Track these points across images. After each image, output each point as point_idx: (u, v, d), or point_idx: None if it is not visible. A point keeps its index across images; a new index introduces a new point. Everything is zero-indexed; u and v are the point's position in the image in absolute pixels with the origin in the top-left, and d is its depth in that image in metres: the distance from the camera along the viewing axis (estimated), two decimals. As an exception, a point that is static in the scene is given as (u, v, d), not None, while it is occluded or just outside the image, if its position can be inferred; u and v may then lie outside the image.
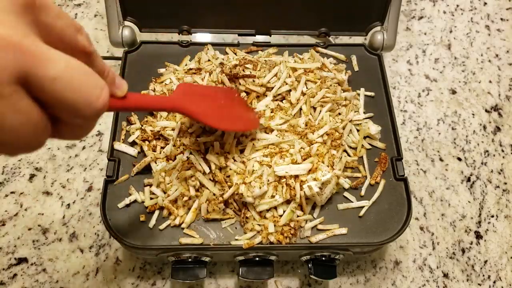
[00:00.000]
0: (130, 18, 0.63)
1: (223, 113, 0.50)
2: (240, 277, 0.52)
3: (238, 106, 0.54)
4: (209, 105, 0.49)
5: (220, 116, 0.49)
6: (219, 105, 0.51)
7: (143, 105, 0.39)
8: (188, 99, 0.47)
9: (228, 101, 0.53)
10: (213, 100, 0.51)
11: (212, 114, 0.48)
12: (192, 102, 0.46)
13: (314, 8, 0.63)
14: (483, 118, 0.75)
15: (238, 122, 0.51)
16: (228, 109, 0.51)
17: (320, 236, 0.50)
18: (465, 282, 0.61)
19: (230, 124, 0.49)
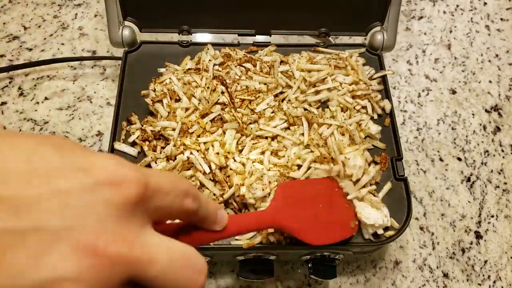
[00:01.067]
0: (130, 18, 0.63)
1: (321, 221, 0.48)
2: (240, 277, 0.52)
3: (337, 207, 0.50)
4: (308, 214, 0.47)
5: (318, 227, 0.47)
6: (317, 212, 0.48)
7: (240, 231, 0.40)
8: (287, 210, 0.46)
9: (326, 201, 0.50)
10: (312, 203, 0.49)
11: (310, 226, 0.47)
12: (291, 213, 0.46)
13: (314, 8, 0.63)
14: (483, 118, 0.75)
15: (334, 232, 0.48)
16: (326, 216, 0.48)
17: (320, 236, 0.50)
18: (465, 282, 0.61)
19: (326, 238, 0.47)
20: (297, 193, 0.49)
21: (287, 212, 0.46)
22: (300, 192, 0.49)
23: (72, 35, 0.79)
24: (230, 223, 0.35)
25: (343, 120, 0.56)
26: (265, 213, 0.45)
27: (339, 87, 0.58)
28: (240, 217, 0.43)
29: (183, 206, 0.27)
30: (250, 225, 0.41)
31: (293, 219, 0.46)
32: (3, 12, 0.81)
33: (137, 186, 0.23)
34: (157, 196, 0.25)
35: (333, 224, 0.49)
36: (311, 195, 0.49)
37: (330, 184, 0.52)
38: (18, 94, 0.72)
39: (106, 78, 0.75)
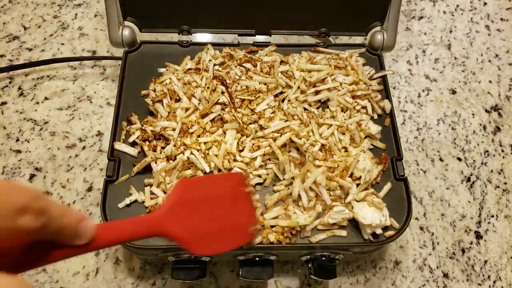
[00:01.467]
0: (130, 18, 0.63)
1: (215, 229, 0.43)
2: (240, 277, 0.52)
3: (239, 209, 0.46)
4: (202, 220, 0.42)
5: (210, 235, 0.42)
6: (214, 217, 0.43)
7: (113, 242, 0.35)
8: (177, 216, 0.41)
9: (229, 203, 0.45)
10: (212, 205, 0.44)
11: (201, 235, 0.42)
12: (181, 219, 0.41)
13: (314, 8, 0.63)
14: (483, 118, 0.75)
15: (228, 239, 0.44)
16: (224, 221, 0.44)
17: (320, 236, 0.50)
18: (465, 282, 0.61)
19: (217, 247, 0.43)
20: (196, 192, 0.44)
21: (176, 218, 0.41)
22: (201, 191, 0.44)
23: (72, 35, 0.79)
24: (100, 234, 0.32)
25: (343, 120, 0.56)
26: (144, 220, 0.40)
27: (339, 87, 0.58)
28: (112, 225, 0.38)
29: (18, 226, 0.23)
30: (124, 235, 0.36)
31: (181, 226, 0.41)
32: (3, 12, 0.81)
33: None
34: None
35: (229, 230, 0.44)
36: (213, 195, 0.45)
37: (239, 180, 0.48)
38: (18, 94, 0.72)
39: (106, 78, 0.75)
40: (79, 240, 0.30)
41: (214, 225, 0.43)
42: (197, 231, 0.42)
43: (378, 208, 0.50)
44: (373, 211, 0.49)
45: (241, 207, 0.47)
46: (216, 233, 0.43)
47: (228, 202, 0.45)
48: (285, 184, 0.53)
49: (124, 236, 0.37)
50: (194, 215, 0.42)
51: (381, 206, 0.50)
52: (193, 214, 0.42)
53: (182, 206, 0.42)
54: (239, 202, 0.46)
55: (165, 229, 0.40)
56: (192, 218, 0.42)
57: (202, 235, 0.42)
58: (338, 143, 0.54)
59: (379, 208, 0.50)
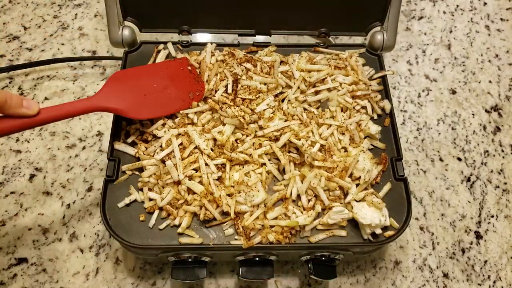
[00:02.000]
0: (130, 18, 0.63)
1: (151, 99, 0.53)
2: (240, 277, 0.52)
3: (178, 83, 0.56)
4: (136, 94, 0.53)
5: (147, 103, 0.53)
6: (149, 91, 0.54)
7: (60, 115, 0.45)
8: (112, 94, 0.51)
9: (166, 81, 0.56)
10: (145, 85, 0.54)
11: (138, 106, 0.52)
12: (116, 96, 0.51)
13: (314, 8, 0.63)
14: (483, 118, 0.75)
15: (166, 106, 0.54)
16: (159, 93, 0.54)
17: (320, 236, 0.50)
18: (465, 282, 0.61)
19: (154, 112, 0.53)
20: (131, 78, 0.54)
21: (110, 97, 0.50)
22: (135, 75, 0.55)
23: (72, 35, 0.79)
24: (43, 111, 0.41)
25: (343, 120, 0.56)
26: (83, 100, 0.50)
27: (339, 87, 0.58)
28: (58, 105, 0.46)
29: None
30: (70, 109, 0.46)
31: (116, 101, 0.51)
32: (3, 12, 0.81)
33: None
34: None
35: (166, 99, 0.54)
36: (147, 77, 0.55)
37: (179, 64, 0.58)
38: (18, 94, 0.72)
39: (106, 78, 0.75)
40: (29, 110, 0.39)
41: (151, 97, 0.53)
42: (134, 102, 0.52)
43: (377, 208, 0.50)
44: (372, 211, 0.49)
45: (180, 81, 0.56)
46: (153, 103, 0.53)
47: (163, 79, 0.55)
48: (285, 184, 0.53)
49: (70, 111, 0.46)
50: (126, 92, 0.52)
51: (381, 206, 0.50)
52: (129, 91, 0.52)
53: (115, 87, 0.52)
54: (178, 78, 0.56)
55: (102, 103, 0.49)
56: (127, 94, 0.52)
57: (139, 105, 0.52)
58: (337, 143, 0.54)
59: (378, 208, 0.50)
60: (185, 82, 0.56)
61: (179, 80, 0.56)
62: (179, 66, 0.58)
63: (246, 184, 0.50)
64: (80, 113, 0.48)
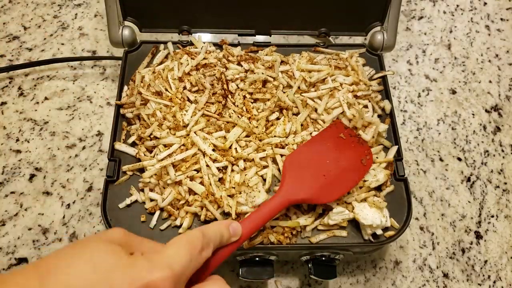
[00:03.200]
0: (130, 18, 0.63)
1: (331, 179, 0.50)
2: (240, 277, 0.52)
3: (345, 152, 0.52)
4: (317, 178, 0.49)
5: (330, 185, 0.49)
6: (326, 170, 0.50)
7: (257, 229, 0.44)
8: (295, 185, 0.48)
9: (333, 153, 0.52)
10: (319, 163, 0.51)
11: (322, 188, 0.49)
12: (300, 185, 0.48)
13: (314, 8, 0.63)
14: (483, 118, 0.75)
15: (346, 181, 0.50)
16: (335, 169, 0.51)
17: (321, 236, 0.50)
18: (465, 282, 0.61)
19: (340, 191, 0.50)
20: (303, 160, 0.50)
21: (296, 187, 0.48)
22: (304, 157, 0.51)
23: (72, 35, 0.79)
24: (246, 228, 0.41)
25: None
26: (275, 200, 0.47)
27: (339, 87, 0.58)
28: (252, 217, 0.44)
29: (203, 259, 0.36)
30: (263, 219, 0.44)
31: (303, 190, 0.48)
32: (3, 12, 0.81)
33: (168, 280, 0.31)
34: (184, 273, 0.33)
35: (344, 174, 0.51)
36: (317, 155, 0.51)
37: (334, 130, 0.54)
38: (18, 94, 0.72)
39: (106, 78, 0.75)
40: (234, 238, 0.41)
41: (328, 177, 0.50)
42: (318, 186, 0.49)
43: (379, 209, 0.50)
44: (374, 211, 0.50)
45: (346, 149, 0.52)
46: (331, 181, 0.50)
47: (331, 152, 0.52)
48: None
49: (264, 220, 0.44)
50: (306, 178, 0.49)
51: (382, 206, 0.50)
52: (306, 177, 0.49)
53: (295, 176, 0.49)
54: (342, 146, 0.53)
55: (291, 200, 0.47)
56: (306, 181, 0.49)
57: (323, 187, 0.49)
58: None
59: (380, 208, 0.50)
60: (351, 148, 0.53)
61: (346, 148, 0.52)
62: (337, 132, 0.54)
63: (247, 185, 0.50)
64: (276, 214, 0.47)
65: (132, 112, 0.56)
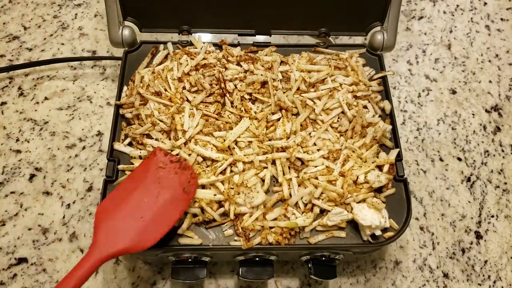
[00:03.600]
0: (130, 18, 0.63)
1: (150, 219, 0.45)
2: (240, 277, 0.52)
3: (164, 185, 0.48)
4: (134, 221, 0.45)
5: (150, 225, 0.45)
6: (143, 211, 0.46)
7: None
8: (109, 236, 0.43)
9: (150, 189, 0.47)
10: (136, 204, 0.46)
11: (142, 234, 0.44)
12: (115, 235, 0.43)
13: (314, 8, 0.63)
14: (483, 118, 0.75)
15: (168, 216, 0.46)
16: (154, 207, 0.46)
17: (319, 237, 0.50)
18: (465, 282, 0.61)
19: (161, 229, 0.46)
20: (117, 207, 0.46)
21: (110, 240, 0.43)
22: (121, 201, 0.46)
23: (72, 35, 0.79)
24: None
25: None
26: (86, 262, 0.42)
27: (339, 87, 0.58)
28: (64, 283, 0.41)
29: None
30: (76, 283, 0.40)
31: (119, 242, 0.43)
32: (3, 12, 0.81)
33: None
34: None
35: (164, 210, 0.46)
36: (134, 196, 0.47)
37: (154, 161, 0.49)
38: (18, 94, 0.72)
39: (106, 78, 0.75)
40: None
41: (149, 216, 0.45)
42: (136, 232, 0.44)
43: (377, 209, 0.50)
44: (372, 212, 0.49)
45: (164, 181, 0.48)
46: (155, 220, 0.45)
47: (150, 189, 0.47)
48: None
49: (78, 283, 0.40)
50: (123, 224, 0.44)
51: (381, 207, 0.50)
52: (122, 224, 0.44)
53: (109, 226, 0.44)
54: (163, 177, 0.48)
55: (107, 253, 0.42)
56: (123, 228, 0.44)
57: (142, 232, 0.44)
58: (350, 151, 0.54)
59: (378, 209, 0.50)
60: (172, 178, 0.49)
61: (166, 178, 0.48)
62: (157, 161, 0.49)
63: (245, 185, 0.50)
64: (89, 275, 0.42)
65: (131, 112, 0.56)
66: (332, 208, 0.50)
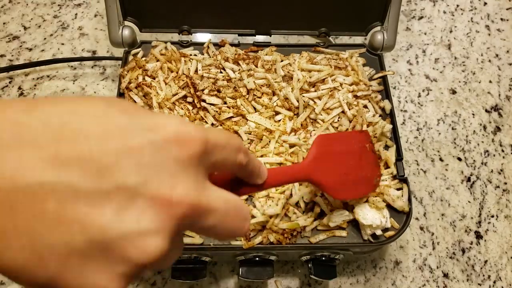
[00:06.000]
0: (130, 18, 0.63)
1: (349, 178, 0.49)
2: (240, 277, 0.52)
3: (365, 163, 0.51)
4: (339, 170, 0.48)
5: (346, 183, 0.49)
6: (348, 168, 0.49)
7: (277, 184, 0.42)
8: (320, 165, 0.46)
9: (357, 157, 0.51)
10: (344, 159, 0.49)
11: (339, 183, 0.48)
12: (323, 169, 0.47)
13: (314, 8, 0.63)
14: (483, 118, 0.75)
15: (359, 188, 0.50)
16: (355, 173, 0.50)
17: (320, 237, 0.50)
18: (465, 282, 0.61)
19: (350, 194, 0.49)
20: (331, 147, 0.49)
21: (319, 167, 0.46)
22: (335, 146, 0.49)
23: (72, 35, 0.79)
24: (269, 176, 0.38)
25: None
26: (300, 167, 0.46)
27: (339, 87, 0.58)
28: (277, 170, 0.43)
29: (237, 160, 0.30)
30: (285, 178, 0.43)
31: (324, 174, 0.47)
32: (3, 12, 0.81)
33: (200, 142, 0.25)
34: (216, 151, 0.26)
35: (359, 181, 0.50)
36: (344, 150, 0.50)
37: (363, 138, 0.52)
38: (18, 94, 0.72)
39: (106, 78, 0.75)
40: (260, 180, 0.36)
41: (348, 175, 0.49)
42: (335, 179, 0.48)
43: (378, 209, 0.50)
44: (373, 212, 0.49)
45: (366, 161, 0.51)
46: (349, 182, 0.49)
47: (356, 156, 0.51)
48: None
49: (285, 179, 0.43)
50: (331, 165, 0.48)
51: (382, 206, 0.50)
52: (331, 165, 0.48)
53: (322, 158, 0.47)
54: (364, 156, 0.51)
55: (312, 176, 0.45)
56: (330, 168, 0.47)
57: (339, 183, 0.48)
58: None
59: (379, 208, 0.50)
60: (369, 163, 0.52)
61: (366, 160, 0.51)
62: (365, 141, 0.52)
63: (268, 195, 0.51)
64: (294, 181, 0.46)
65: None
66: (335, 209, 0.50)
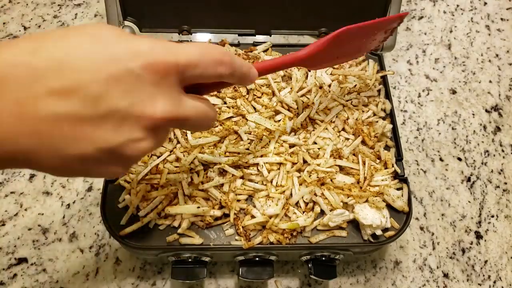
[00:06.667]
0: (130, 18, 0.63)
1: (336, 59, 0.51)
2: (240, 277, 0.52)
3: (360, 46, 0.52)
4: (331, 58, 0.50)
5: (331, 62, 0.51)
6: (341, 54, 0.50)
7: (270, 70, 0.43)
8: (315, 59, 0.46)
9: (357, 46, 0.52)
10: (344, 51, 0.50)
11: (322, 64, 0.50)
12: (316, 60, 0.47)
13: (314, 8, 0.63)
14: (483, 118, 0.75)
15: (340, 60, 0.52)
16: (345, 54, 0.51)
17: (320, 237, 0.50)
18: (465, 282, 0.61)
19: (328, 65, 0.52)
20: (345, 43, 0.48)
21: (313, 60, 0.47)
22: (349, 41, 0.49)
23: (72, 35, 0.79)
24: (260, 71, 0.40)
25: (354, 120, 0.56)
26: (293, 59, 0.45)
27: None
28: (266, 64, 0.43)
29: (216, 72, 0.33)
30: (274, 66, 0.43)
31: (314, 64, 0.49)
32: (3, 12, 0.81)
33: (171, 65, 0.30)
34: (188, 70, 0.31)
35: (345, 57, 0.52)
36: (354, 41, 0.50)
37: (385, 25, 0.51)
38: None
39: (106, 78, 0.75)
40: (247, 83, 0.39)
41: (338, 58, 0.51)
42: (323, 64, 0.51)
43: (378, 209, 0.50)
44: (373, 212, 0.49)
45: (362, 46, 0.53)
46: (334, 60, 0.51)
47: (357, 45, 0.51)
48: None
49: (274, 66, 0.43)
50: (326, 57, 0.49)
51: (382, 206, 0.50)
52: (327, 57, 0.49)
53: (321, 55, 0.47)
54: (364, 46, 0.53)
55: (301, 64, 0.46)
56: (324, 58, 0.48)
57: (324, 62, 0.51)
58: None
59: (379, 208, 0.50)
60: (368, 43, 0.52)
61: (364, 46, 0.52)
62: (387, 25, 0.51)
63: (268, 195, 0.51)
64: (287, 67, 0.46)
65: None
66: (335, 209, 0.50)
